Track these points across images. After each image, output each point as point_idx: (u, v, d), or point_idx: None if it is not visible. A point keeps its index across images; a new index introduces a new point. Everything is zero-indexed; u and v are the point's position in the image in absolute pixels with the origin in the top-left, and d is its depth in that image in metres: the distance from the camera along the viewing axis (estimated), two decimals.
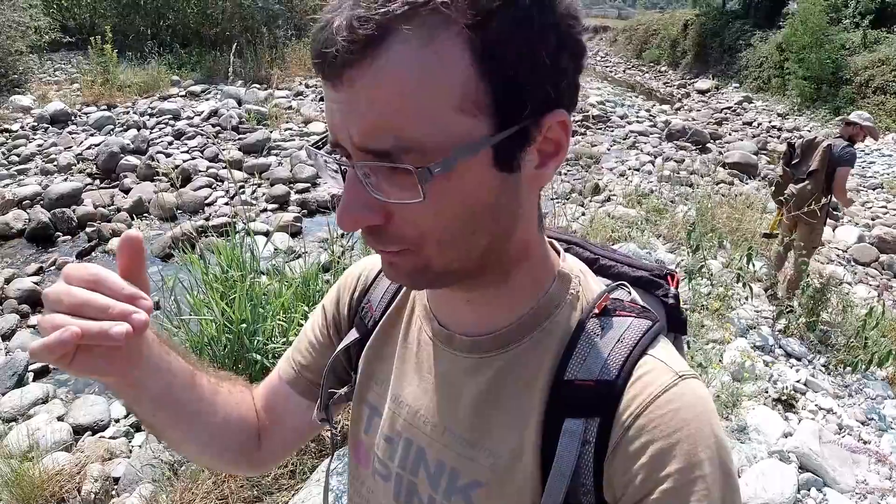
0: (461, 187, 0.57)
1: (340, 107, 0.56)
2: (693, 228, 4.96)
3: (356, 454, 0.88)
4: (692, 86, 22.74)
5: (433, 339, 0.77)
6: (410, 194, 0.56)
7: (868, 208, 10.23)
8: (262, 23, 17.72)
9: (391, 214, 0.59)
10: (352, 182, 0.58)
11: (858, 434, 3.96)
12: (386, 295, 0.86)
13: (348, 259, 4.00)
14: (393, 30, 0.52)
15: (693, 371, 0.66)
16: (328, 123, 0.59)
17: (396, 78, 0.53)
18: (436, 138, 0.54)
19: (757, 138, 14.63)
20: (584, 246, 0.86)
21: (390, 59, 0.52)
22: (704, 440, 0.60)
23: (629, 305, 0.71)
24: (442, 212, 0.58)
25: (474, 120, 0.55)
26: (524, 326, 0.71)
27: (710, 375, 3.60)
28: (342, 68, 0.54)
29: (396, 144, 0.54)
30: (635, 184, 9.40)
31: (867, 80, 17.16)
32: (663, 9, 50.13)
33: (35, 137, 10.18)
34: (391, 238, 0.60)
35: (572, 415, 0.64)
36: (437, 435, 0.74)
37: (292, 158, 9.52)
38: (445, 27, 0.52)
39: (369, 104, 0.54)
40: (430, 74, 0.53)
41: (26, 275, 6.16)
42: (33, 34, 14.10)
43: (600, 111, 15.14)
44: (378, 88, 0.53)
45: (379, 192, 0.57)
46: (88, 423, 3.95)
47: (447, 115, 0.54)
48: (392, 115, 0.54)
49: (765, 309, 5.51)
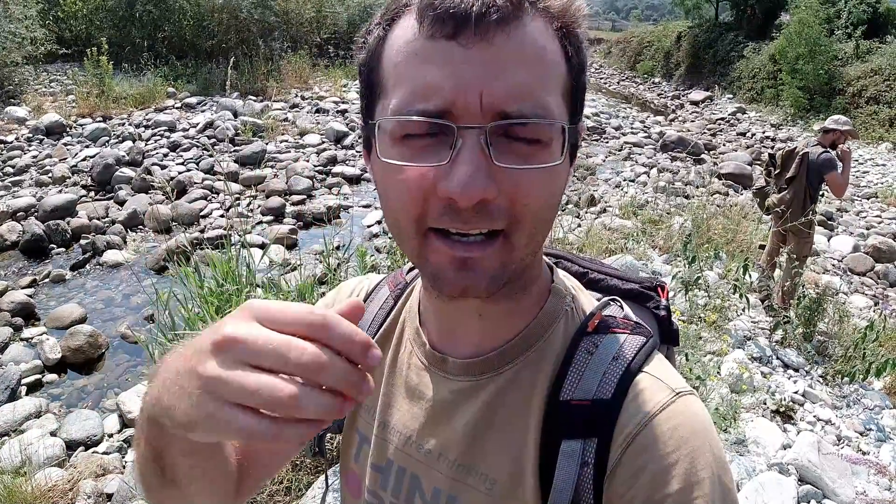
0: (565, 166, 0.62)
1: (475, 66, 0.55)
2: (689, 239, 4.96)
3: (346, 484, 0.86)
4: (686, 97, 22.88)
5: (425, 364, 0.75)
6: (547, 159, 0.58)
7: (863, 218, 10.27)
8: (258, 35, 17.75)
9: (500, 189, 0.56)
10: (475, 149, 0.55)
11: (857, 445, 3.95)
12: (376, 319, 0.84)
13: (344, 272, 3.98)
14: (528, 10, 0.57)
15: (689, 387, 0.66)
16: (436, 90, 0.55)
17: (541, 47, 0.57)
18: (556, 112, 0.58)
19: (751, 149, 14.69)
20: (573, 259, 0.86)
21: (533, 31, 0.57)
22: (703, 458, 0.60)
23: (622, 322, 0.71)
24: (553, 183, 0.60)
25: (566, 108, 0.61)
26: (518, 347, 0.70)
27: (709, 388, 3.59)
28: (495, 24, 0.54)
29: (533, 110, 0.56)
30: (631, 195, 9.42)
31: (860, 90, 17.31)
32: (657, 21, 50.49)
33: (30, 149, 10.16)
34: (498, 214, 0.57)
35: (570, 436, 0.63)
36: (432, 461, 0.72)
37: (288, 170, 9.51)
38: (550, 23, 0.59)
39: (517, 64, 0.56)
40: (556, 57, 0.59)
41: (20, 287, 6.13)
42: (29, 45, 14.07)
43: (595, 123, 15.19)
44: (525, 52, 0.56)
45: (504, 162, 0.56)
46: (81, 438, 3.91)
47: (558, 96, 0.59)
48: (535, 80, 0.57)
49: (762, 320, 5.51)
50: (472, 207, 0.55)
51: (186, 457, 0.63)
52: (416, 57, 0.56)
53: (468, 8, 0.53)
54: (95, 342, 5.09)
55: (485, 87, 0.54)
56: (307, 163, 10.04)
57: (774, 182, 5.59)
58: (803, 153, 5.29)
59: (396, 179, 0.59)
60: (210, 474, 0.70)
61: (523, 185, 0.57)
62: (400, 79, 0.58)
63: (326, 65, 18.09)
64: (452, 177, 0.54)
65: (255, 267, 3.74)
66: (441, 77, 0.55)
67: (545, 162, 0.57)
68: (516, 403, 0.68)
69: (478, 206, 0.55)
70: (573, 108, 0.62)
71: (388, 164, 0.59)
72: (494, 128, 0.55)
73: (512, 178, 0.56)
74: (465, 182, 0.54)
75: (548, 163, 0.58)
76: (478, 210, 0.56)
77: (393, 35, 0.60)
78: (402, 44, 0.58)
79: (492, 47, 0.54)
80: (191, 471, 0.65)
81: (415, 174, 0.57)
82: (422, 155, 0.57)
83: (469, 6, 0.53)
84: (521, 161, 0.56)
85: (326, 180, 9.52)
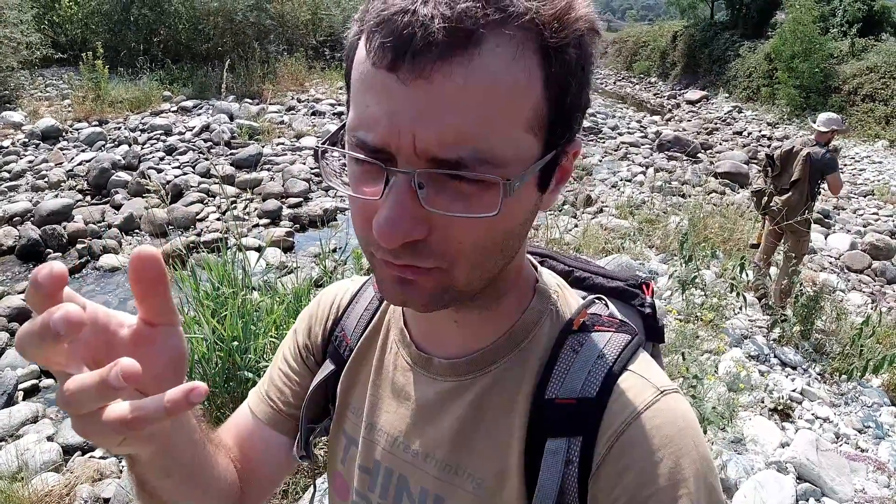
0: (518, 205, 0.57)
1: (409, 105, 0.50)
2: (686, 238, 4.96)
3: (334, 486, 0.85)
4: (682, 96, 22.90)
5: (410, 364, 0.75)
6: (481, 209, 0.53)
7: (860, 215, 10.29)
8: (253, 38, 17.73)
9: (433, 229, 0.54)
10: (402, 191, 0.52)
11: (856, 442, 3.95)
12: (361, 322, 0.84)
13: (340, 274, 3.97)
14: (487, 35, 0.50)
15: (674, 385, 0.66)
16: (375, 123, 0.52)
17: (490, 84, 0.50)
18: (508, 153, 0.53)
19: (747, 148, 14.73)
20: (557, 258, 0.86)
21: (485, 63, 0.50)
22: (688, 456, 0.60)
23: (607, 320, 0.71)
24: (493, 228, 0.56)
25: (534, 140, 0.55)
26: (503, 347, 0.69)
27: (706, 387, 3.59)
28: (433, 60, 0.49)
29: (473, 155, 0.51)
30: (627, 195, 9.44)
31: (856, 87, 17.34)
32: (652, 21, 50.56)
33: (26, 154, 10.13)
34: (429, 254, 0.55)
35: (555, 434, 0.63)
36: (419, 462, 0.72)
37: (284, 173, 9.50)
38: (530, 45, 0.52)
39: (455, 106, 0.50)
40: (516, 88, 0.52)
41: (16, 292, 6.10)
42: (24, 50, 14.06)
43: (591, 123, 15.20)
44: (467, 91, 0.50)
45: (433, 206, 0.53)
46: (78, 442, 3.89)
47: (518, 131, 0.53)
48: (477, 122, 0.51)
49: (759, 318, 5.51)
50: (401, 246, 0.54)
51: (164, 480, 0.62)
52: (363, 82, 0.54)
53: (408, 39, 0.49)
54: None
55: (417, 131, 0.50)
56: (303, 165, 10.02)
57: (773, 182, 5.58)
58: (807, 154, 5.28)
59: (350, 199, 0.59)
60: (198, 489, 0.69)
61: (457, 229, 0.54)
62: (354, 98, 0.56)
63: (322, 67, 18.06)
64: (378, 217, 0.53)
65: (251, 270, 3.73)
66: (379, 112, 0.52)
67: (483, 207, 0.53)
68: (502, 403, 0.68)
69: (406, 246, 0.54)
70: (551, 135, 0.56)
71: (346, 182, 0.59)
72: (425, 173, 0.52)
73: (444, 221, 0.54)
74: (385, 225, 0.52)
75: (485, 212, 0.53)
76: (406, 248, 0.54)
77: (357, 48, 0.56)
78: (358, 61, 0.55)
79: (431, 85, 0.49)
80: (177, 490, 0.65)
81: (359, 201, 0.57)
82: (366, 182, 0.56)
83: (409, 36, 0.48)
84: (456, 204, 0.53)
85: (323, 183, 9.51)
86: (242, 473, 0.82)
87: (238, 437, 0.86)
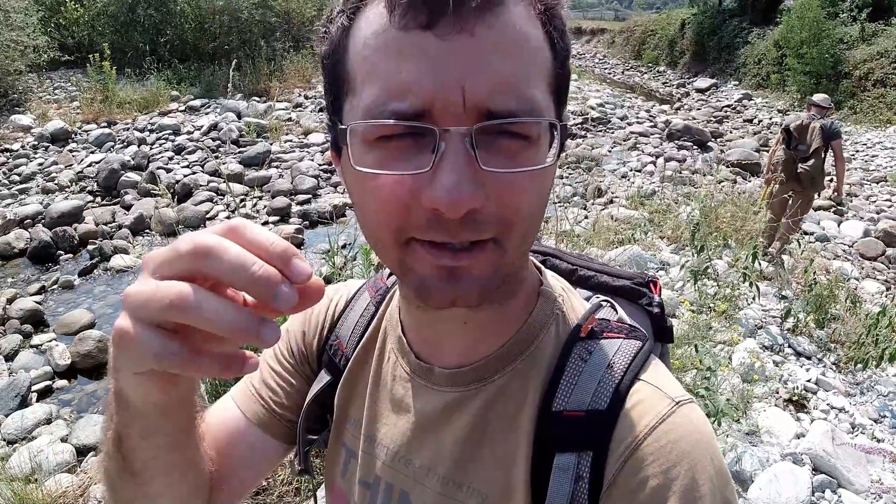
0: (553, 166, 0.57)
1: (455, 60, 0.49)
2: (697, 228, 4.92)
3: (333, 501, 0.82)
4: (691, 85, 22.70)
5: (409, 374, 0.72)
6: (533, 163, 0.53)
7: (872, 202, 10.16)
8: (259, 36, 17.74)
9: (487, 196, 0.52)
10: (459, 153, 0.50)
11: (872, 432, 3.90)
12: (356, 330, 0.81)
13: (350, 271, 3.96)
14: None
15: (688, 395, 0.63)
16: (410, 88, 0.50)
17: (521, 38, 0.52)
18: (543, 107, 0.54)
19: (758, 135, 14.57)
20: (560, 256, 0.83)
21: (513, 18, 0.52)
22: (705, 472, 0.57)
23: (616, 325, 0.68)
24: (543, 187, 0.56)
25: (551, 102, 0.56)
26: (507, 355, 0.67)
27: (720, 378, 3.55)
28: (474, 12, 0.49)
29: (522, 106, 0.51)
30: (637, 185, 9.37)
31: (866, 73, 17.12)
32: (660, 9, 50.16)
33: (35, 157, 10.20)
34: (486, 223, 0.53)
35: (563, 449, 0.60)
36: (421, 477, 0.69)
37: (293, 170, 9.51)
38: (532, 6, 0.54)
39: (500, 56, 0.50)
40: (538, 44, 0.54)
41: (28, 294, 6.15)
42: (32, 53, 14.13)
43: (600, 113, 15.09)
44: (507, 43, 0.51)
45: (490, 165, 0.51)
46: (92, 443, 3.91)
47: (543, 87, 0.55)
48: (518, 73, 0.52)
49: (772, 308, 5.46)
50: (459, 218, 0.51)
51: (146, 438, 0.59)
52: (388, 50, 0.51)
53: None
54: (104, 347, 5.08)
55: (467, 82, 0.49)
56: (312, 162, 10.03)
57: (794, 152, 6.20)
58: (819, 126, 6.03)
59: (373, 187, 0.54)
60: (174, 471, 0.65)
61: (513, 190, 0.53)
62: (370, 75, 0.52)
63: None
64: (437, 186, 0.50)
65: None
66: (417, 73, 0.49)
67: (534, 162, 0.53)
68: (507, 415, 0.65)
69: (466, 217, 0.51)
70: (559, 100, 0.57)
71: (363, 172, 0.54)
72: (480, 129, 0.50)
73: (501, 183, 0.52)
74: (452, 192, 0.49)
75: (538, 164, 0.53)
76: (465, 220, 0.51)
77: (359, 24, 0.54)
78: (369, 35, 0.52)
79: (472, 38, 0.49)
80: (154, 462, 0.62)
81: (393, 182, 0.52)
82: (399, 160, 0.52)
83: None
84: (510, 162, 0.51)
85: (331, 179, 9.50)
86: (217, 474, 0.76)
87: (222, 433, 0.80)
